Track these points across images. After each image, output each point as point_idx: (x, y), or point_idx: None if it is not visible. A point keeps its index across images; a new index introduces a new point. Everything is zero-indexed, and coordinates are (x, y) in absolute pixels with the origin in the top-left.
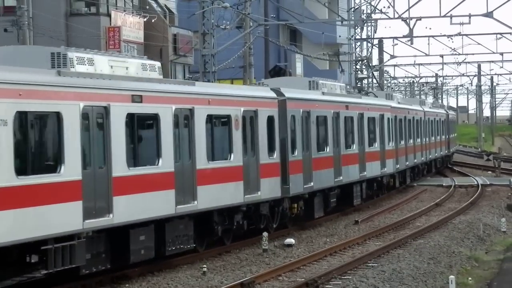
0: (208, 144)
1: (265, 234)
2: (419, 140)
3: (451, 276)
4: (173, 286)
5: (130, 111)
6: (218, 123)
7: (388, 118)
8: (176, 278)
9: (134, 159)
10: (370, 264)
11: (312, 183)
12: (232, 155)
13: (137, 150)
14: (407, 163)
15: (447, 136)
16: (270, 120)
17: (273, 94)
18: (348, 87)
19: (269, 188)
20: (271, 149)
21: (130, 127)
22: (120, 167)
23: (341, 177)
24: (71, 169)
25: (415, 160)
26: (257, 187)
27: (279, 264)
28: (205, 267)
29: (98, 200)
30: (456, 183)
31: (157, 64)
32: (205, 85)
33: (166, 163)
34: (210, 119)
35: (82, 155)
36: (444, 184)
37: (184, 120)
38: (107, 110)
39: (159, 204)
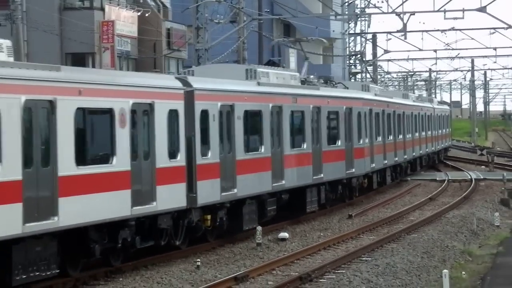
0: (77, 145)
1: (259, 228)
2: (401, 136)
3: (445, 270)
4: (167, 280)
5: None
6: (95, 119)
7: (359, 112)
8: (170, 272)
9: None
10: (364, 258)
11: (235, 190)
12: (115, 159)
13: None
14: (386, 161)
15: (435, 132)
16: (173, 115)
17: (178, 84)
18: (312, 77)
19: (170, 197)
20: (172, 151)
21: None
22: None
23: (283, 181)
24: None
25: (396, 159)
26: (152, 197)
27: (273, 258)
28: (199, 261)
29: None
30: (449, 178)
31: (6, 42)
32: (75, 70)
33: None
34: (83, 113)
35: None
36: (437, 179)
37: (39, 115)
38: None
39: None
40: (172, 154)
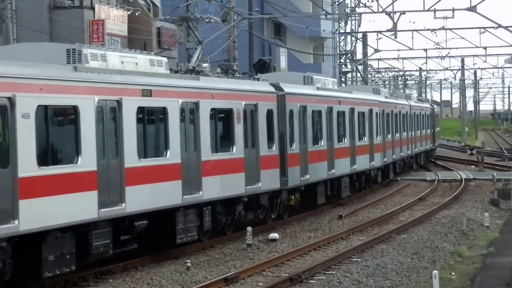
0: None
1: (249, 229)
2: (365, 139)
3: (435, 271)
4: (157, 281)
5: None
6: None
7: (270, 110)
8: (160, 273)
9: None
10: (354, 259)
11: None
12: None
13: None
14: (333, 171)
15: (410, 134)
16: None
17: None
18: (205, 65)
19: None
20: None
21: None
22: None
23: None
24: None
25: (354, 166)
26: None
27: (263, 259)
28: (189, 262)
29: None
30: (439, 178)
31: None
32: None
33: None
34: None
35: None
36: (427, 179)
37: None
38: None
39: None
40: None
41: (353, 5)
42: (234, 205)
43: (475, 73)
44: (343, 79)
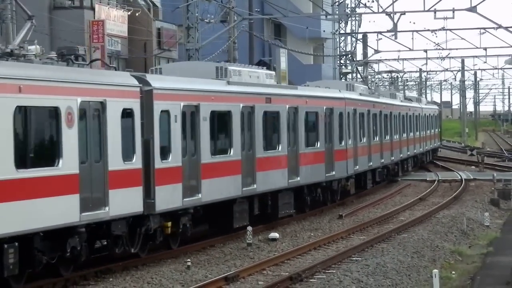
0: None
1: (249, 228)
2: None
3: (435, 270)
4: (157, 280)
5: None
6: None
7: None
8: (160, 272)
9: None
10: (354, 258)
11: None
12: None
13: None
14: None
15: (383, 137)
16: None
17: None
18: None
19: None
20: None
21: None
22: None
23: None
24: None
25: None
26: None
27: (263, 258)
28: (189, 261)
29: None
30: (440, 178)
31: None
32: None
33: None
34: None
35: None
36: (428, 179)
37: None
38: None
39: None
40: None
41: (353, 5)
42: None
43: (475, 74)
44: (343, 80)
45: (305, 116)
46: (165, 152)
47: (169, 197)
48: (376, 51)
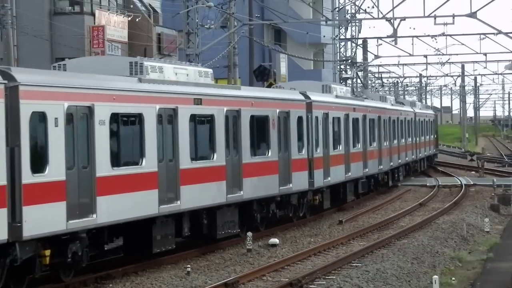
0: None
1: (249, 234)
2: (303, 151)
3: (435, 276)
4: (157, 286)
5: None
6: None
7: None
8: (160, 278)
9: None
10: (354, 264)
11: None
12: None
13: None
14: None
15: (368, 144)
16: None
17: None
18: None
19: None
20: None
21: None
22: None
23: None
24: None
25: (241, 193)
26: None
27: (263, 264)
28: (189, 267)
29: None
30: (439, 183)
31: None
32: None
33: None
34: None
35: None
36: (428, 184)
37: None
38: None
39: None
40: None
41: (353, 11)
42: None
43: (475, 79)
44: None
45: (250, 120)
46: (39, 163)
47: (45, 220)
48: (376, 57)
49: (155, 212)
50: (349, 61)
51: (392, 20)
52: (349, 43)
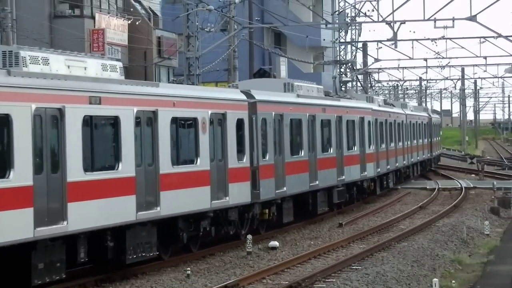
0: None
1: (249, 236)
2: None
3: (435, 279)
4: None
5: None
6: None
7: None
8: (160, 280)
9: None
10: (354, 267)
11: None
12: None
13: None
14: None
15: (344, 149)
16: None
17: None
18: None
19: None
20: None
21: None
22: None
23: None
24: None
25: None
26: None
27: (263, 267)
28: (189, 270)
29: None
30: (439, 186)
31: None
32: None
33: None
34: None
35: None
36: (428, 187)
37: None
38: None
39: None
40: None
41: (353, 14)
42: None
43: (475, 82)
44: (343, 88)
45: (171, 123)
46: None
47: None
48: (376, 60)
49: (29, 236)
50: (349, 64)
51: (392, 24)
52: (349, 46)
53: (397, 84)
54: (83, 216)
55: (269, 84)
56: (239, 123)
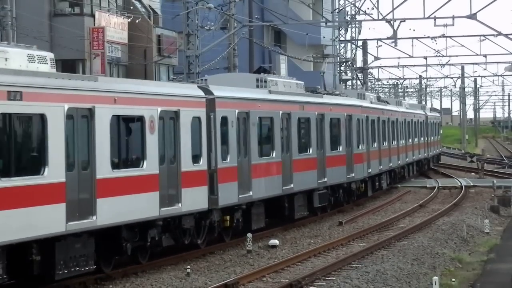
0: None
1: (249, 235)
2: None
3: (435, 277)
4: (157, 287)
5: None
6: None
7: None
8: (160, 279)
9: None
10: (354, 265)
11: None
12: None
13: None
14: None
15: (326, 148)
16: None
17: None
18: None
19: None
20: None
21: None
22: None
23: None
24: None
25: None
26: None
27: (263, 265)
28: (189, 268)
29: None
30: (439, 185)
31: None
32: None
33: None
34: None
35: None
36: (427, 186)
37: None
38: None
39: None
40: (195, 159)
41: (353, 12)
42: None
43: (475, 80)
44: (343, 87)
45: (111, 122)
46: None
47: None
48: (376, 58)
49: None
50: (349, 62)
51: (392, 22)
52: (349, 44)
53: (397, 83)
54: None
55: (240, 79)
56: (195, 122)
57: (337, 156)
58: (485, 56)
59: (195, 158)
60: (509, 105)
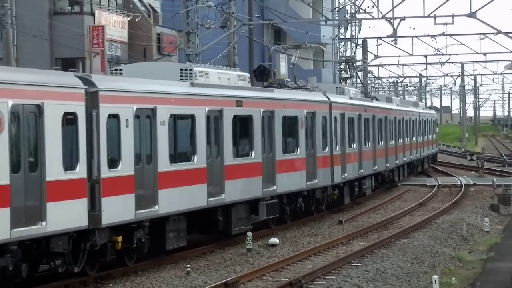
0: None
1: (249, 234)
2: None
3: (435, 276)
4: (157, 286)
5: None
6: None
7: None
8: (160, 278)
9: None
10: (354, 264)
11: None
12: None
13: None
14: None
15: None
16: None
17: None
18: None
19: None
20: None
21: None
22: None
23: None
24: None
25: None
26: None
27: (263, 263)
28: (189, 267)
29: None
30: (439, 183)
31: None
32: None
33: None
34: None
35: None
36: (427, 184)
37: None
38: None
39: None
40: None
41: (353, 11)
42: None
43: (475, 79)
44: (342, 83)
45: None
46: None
47: None
48: (376, 56)
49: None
50: (349, 61)
51: (392, 20)
52: (348, 43)
53: (397, 81)
54: None
55: (161, 70)
56: (69, 120)
57: (292, 160)
58: (485, 54)
59: (69, 165)
60: (509, 103)
